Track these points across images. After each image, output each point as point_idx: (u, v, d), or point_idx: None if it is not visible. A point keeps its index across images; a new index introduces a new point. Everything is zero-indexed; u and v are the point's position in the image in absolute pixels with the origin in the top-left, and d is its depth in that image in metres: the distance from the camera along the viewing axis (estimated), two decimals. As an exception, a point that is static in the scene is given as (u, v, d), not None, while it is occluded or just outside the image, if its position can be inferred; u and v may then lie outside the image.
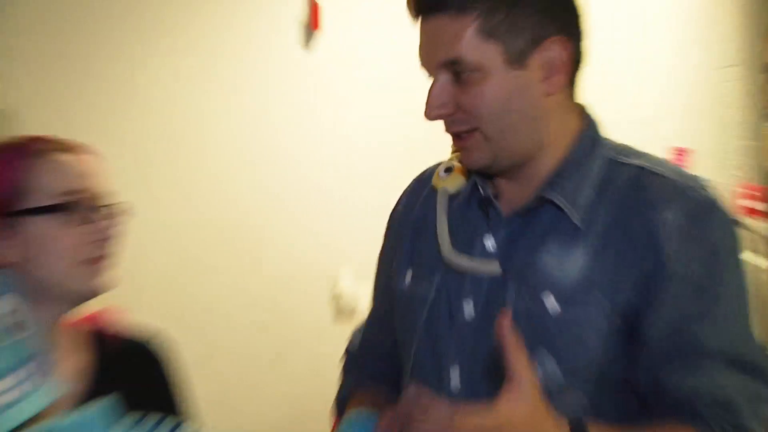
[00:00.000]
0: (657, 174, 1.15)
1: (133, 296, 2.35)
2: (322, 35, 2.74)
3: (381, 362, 1.38)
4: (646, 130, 2.53)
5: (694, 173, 1.20)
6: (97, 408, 1.08)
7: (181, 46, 2.56)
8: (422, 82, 1.17)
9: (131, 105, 2.49)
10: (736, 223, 1.15)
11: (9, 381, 1.01)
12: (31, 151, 1.22)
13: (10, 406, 0.99)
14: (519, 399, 0.97)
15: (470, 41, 1.09)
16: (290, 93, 2.72)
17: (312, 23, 2.71)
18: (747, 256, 1.18)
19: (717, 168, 2.64)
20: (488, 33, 1.09)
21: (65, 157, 1.22)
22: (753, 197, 2.72)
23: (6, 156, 1.22)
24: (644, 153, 1.20)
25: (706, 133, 2.59)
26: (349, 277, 2.77)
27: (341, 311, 2.78)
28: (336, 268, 2.77)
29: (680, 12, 2.60)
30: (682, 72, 2.60)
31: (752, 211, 2.73)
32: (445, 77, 1.13)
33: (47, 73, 2.37)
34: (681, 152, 2.59)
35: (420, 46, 1.15)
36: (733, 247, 1.13)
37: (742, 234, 1.15)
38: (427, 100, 1.14)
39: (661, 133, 2.59)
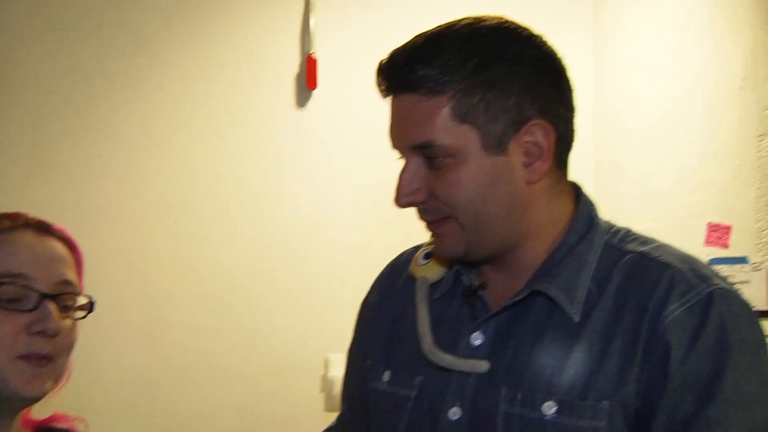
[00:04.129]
0: (658, 261, 1.07)
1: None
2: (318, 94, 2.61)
3: None
4: (678, 203, 2.38)
5: (699, 258, 1.10)
6: None
7: (174, 106, 2.51)
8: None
9: (125, 165, 2.45)
10: (753, 315, 1.06)
11: None
12: None
13: None
14: None
15: (444, 124, 1.03)
16: (284, 157, 2.59)
17: (309, 82, 2.58)
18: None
19: (760, 247, 2.38)
20: (463, 116, 1.03)
21: (22, 237, 1.09)
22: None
23: None
24: (645, 237, 1.12)
25: (745, 208, 2.35)
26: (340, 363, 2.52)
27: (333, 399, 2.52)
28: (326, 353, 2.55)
29: (716, 74, 2.40)
30: (719, 140, 2.39)
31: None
32: (417, 161, 1.06)
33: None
34: (717, 229, 2.33)
35: (390, 126, 1.08)
36: (749, 345, 1.02)
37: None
38: (398, 186, 1.07)
39: (696, 207, 2.39)
